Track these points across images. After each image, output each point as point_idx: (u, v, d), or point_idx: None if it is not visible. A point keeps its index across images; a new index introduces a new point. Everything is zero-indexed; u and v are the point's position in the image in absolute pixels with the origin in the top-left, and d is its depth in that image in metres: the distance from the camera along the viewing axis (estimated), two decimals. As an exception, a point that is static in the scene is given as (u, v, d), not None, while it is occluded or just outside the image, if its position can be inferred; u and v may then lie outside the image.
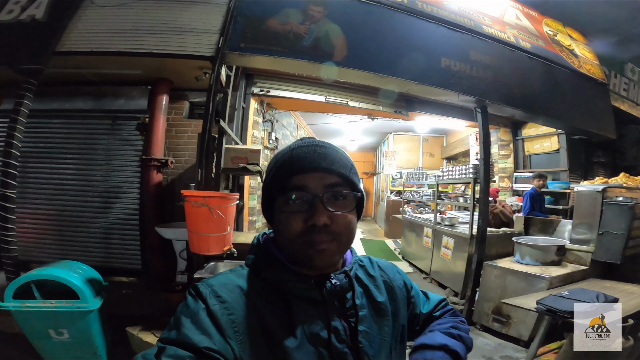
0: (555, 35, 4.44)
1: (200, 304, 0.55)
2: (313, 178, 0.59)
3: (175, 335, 0.51)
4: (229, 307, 0.55)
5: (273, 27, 2.67)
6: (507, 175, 5.93)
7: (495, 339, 3.07)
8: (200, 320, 0.52)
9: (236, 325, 0.54)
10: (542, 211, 4.60)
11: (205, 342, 0.49)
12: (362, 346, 0.61)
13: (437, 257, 4.69)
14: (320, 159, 0.60)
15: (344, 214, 0.60)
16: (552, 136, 5.28)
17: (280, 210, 0.61)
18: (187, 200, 2.30)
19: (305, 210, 0.58)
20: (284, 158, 0.63)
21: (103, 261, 3.27)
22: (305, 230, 0.58)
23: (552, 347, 2.67)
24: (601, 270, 3.24)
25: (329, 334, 0.59)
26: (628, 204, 3.09)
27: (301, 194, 0.59)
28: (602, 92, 4.62)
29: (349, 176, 0.62)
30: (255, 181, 4.40)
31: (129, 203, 3.35)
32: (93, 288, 2.24)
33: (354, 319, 0.63)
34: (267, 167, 0.67)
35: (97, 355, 2.30)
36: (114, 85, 3.35)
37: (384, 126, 8.44)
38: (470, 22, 3.53)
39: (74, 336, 2.20)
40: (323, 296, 0.61)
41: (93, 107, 3.35)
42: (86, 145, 3.37)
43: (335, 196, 0.60)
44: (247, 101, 3.60)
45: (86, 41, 2.66)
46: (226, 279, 0.61)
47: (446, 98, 3.60)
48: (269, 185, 0.64)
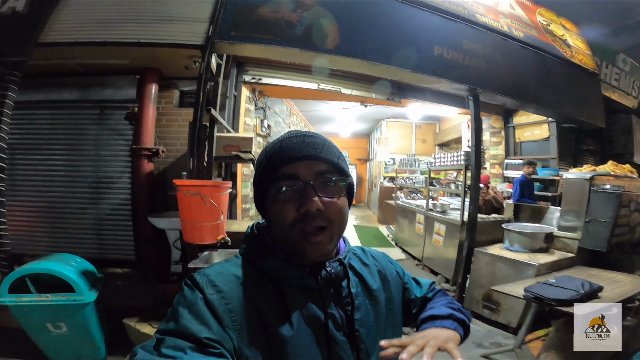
0: (549, 25, 4.43)
1: (198, 294, 0.55)
2: (303, 166, 0.60)
3: (174, 326, 0.51)
4: (226, 297, 0.55)
5: (264, 15, 2.61)
6: (498, 162, 6.00)
7: (486, 325, 3.15)
8: (198, 310, 0.52)
9: (234, 315, 0.54)
10: (532, 198, 4.69)
11: (204, 332, 0.50)
12: (358, 334, 0.63)
13: (429, 244, 4.76)
14: (309, 147, 0.61)
15: (336, 200, 0.61)
16: (543, 124, 5.33)
17: (272, 200, 0.61)
18: (179, 189, 2.29)
19: (297, 198, 0.59)
20: (273, 149, 0.63)
21: (96, 253, 3.27)
22: (299, 217, 0.58)
23: (539, 334, 2.78)
24: (588, 258, 3.30)
25: (326, 321, 0.60)
26: (615, 192, 3.12)
27: (292, 182, 0.59)
28: (593, 81, 4.66)
29: (338, 163, 0.63)
30: (248, 169, 4.38)
31: (120, 193, 3.32)
32: (88, 280, 2.24)
33: (350, 307, 0.64)
34: (257, 160, 0.67)
35: (97, 347, 2.32)
36: (101, 76, 3.27)
37: (377, 113, 8.42)
38: (464, 11, 3.49)
39: (72, 329, 2.21)
40: (318, 284, 0.62)
41: (80, 97, 3.27)
42: (74, 136, 3.30)
43: (326, 182, 0.60)
44: (238, 89, 3.54)
45: (70, 32, 2.59)
46: (222, 268, 0.61)
47: (439, 86, 3.59)
48: (260, 177, 0.64)
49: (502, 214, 4.42)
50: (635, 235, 3.41)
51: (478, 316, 3.28)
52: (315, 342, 0.59)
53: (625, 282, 2.57)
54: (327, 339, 0.60)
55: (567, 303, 2.09)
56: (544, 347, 2.42)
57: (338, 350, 0.60)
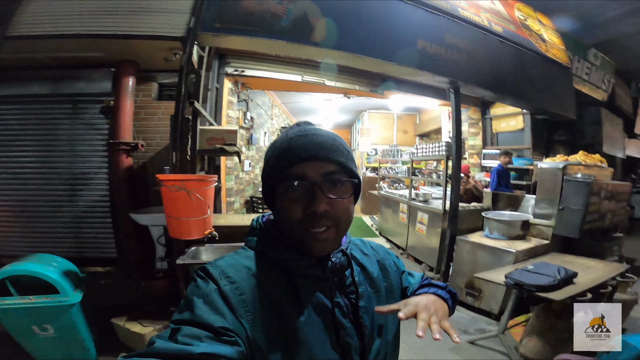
0: (526, 20, 4.56)
1: (212, 285, 0.56)
2: (311, 167, 0.60)
3: (189, 316, 0.52)
4: (239, 287, 0.57)
5: (249, 7, 2.55)
6: (476, 152, 6.19)
7: (469, 312, 3.28)
8: (213, 300, 0.54)
9: (247, 305, 0.56)
10: (508, 186, 4.89)
11: (219, 322, 0.51)
12: (363, 321, 0.66)
13: (412, 233, 4.88)
14: (318, 148, 0.61)
15: (342, 199, 0.62)
16: (518, 115, 5.53)
17: (281, 198, 0.62)
18: (163, 184, 2.23)
19: (304, 198, 0.60)
20: (282, 147, 0.63)
21: (75, 252, 3.14)
22: (306, 217, 0.60)
23: (520, 320, 2.93)
24: (561, 244, 3.48)
25: (333, 308, 0.63)
26: (586, 180, 3.29)
27: (300, 183, 0.60)
28: (565, 75, 4.87)
29: (346, 163, 0.63)
30: (232, 161, 4.33)
31: (97, 190, 3.19)
32: (71, 281, 2.16)
33: (354, 296, 0.67)
34: (266, 156, 0.68)
35: (86, 348, 2.26)
36: (73, 69, 3.09)
37: (359, 104, 8.45)
38: (447, 5, 3.54)
39: (59, 331, 2.14)
40: (325, 273, 0.64)
41: (51, 91, 3.08)
42: (46, 132, 3.12)
43: (334, 183, 0.61)
44: (220, 81, 3.46)
45: (40, 24, 2.44)
46: (233, 260, 0.63)
47: (421, 78, 3.66)
48: (269, 174, 0.65)
49: (482, 203, 4.59)
50: (605, 222, 3.62)
51: (462, 303, 3.40)
52: (324, 329, 0.61)
53: (597, 268, 2.73)
54: (334, 326, 0.62)
55: (545, 289, 2.21)
56: (526, 333, 2.56)
57: (344, 336, 0.62)
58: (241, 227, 2.88)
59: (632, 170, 8.14)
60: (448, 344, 2.74)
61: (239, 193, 4.73)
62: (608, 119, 6.25)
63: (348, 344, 0.63)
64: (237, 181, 4.66)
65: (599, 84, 5.86)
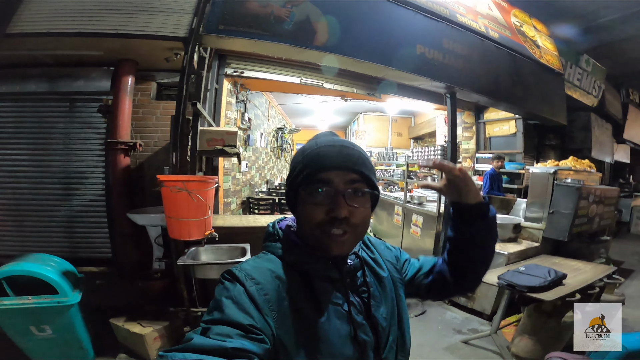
0: (522, 26, 4.65)
1: (239, 287, 0.60)
2: (337, 175, 0.65)
3: (219, 316, 0.56)
4: (263, 288, 0.61)
5: (253, 9, 2.56)
6: (469, 156, 6.28)
7: (463, 312, 3.36)
8: (241, 301, 0.58)
9: (271, 305, 0.60)
10: (500, 190, 4.99)
11: (247, 320, 0.55)
12: (376, 318, 0.70)
13: (407, 235, 4.93)
14: (346, 159, 0.66)
15: (362, 208, 0.66)
16: (510, 120, 5.64)
17: (305, 201, 0.66)
18: (164, 185, 2.24)
19: (328, 203, 0.64)
20: (312, 154, 0.67)
21: (70, 252, 3.09)
22: (327, 221, 0.64)
23: (511, 320, 3.00)
24: (551, 247, 3.58)
25: (349, 307, 0.67)
26: (575, 185, 3.40)
27: (326, 188, 0.64)
28: (558, 81, 4.98)
29: (369, 175, 0.68)
30: (230, 162, 4.33)
31: (93, 189, 3.16)
32: (70, 281, 2.14)
33: (366, 295, 0.72)
34: (293, 162, 0.71)
35: (84, 349, 2.26)
36: (71, 67, 3.06)
37: (355, 106, 8.49)
38: (446, 11, 3.60)
39: (57, 332, 2.13)
40: (341, 275, 0.69)
41: (48, 89, 3.04)
42: (41, 130, 3.08)
43: (356, 192, 0.66)
44: (220, 82, 3.45)
45: (41, 22, 2.42)
46: (256, 263, 0.67)
47: (419, 83, 3.70)
48: (295, 178, 0.68)
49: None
50: (593, 225, 3.74)
51: (455, 304, 3.48)
52: (342, 326, 0.65)
53: (585, 270, 2.83)
54: (351, 324, 0.66)
55: (536, 290, 2.29)
56: (517, 332, 2.63)
57: (361, 334, 0.67)
58: (239, 228, 2.89)
59: (620, 174, 8.37)
60: (442, 343, 2.80)
61: (235, 194, 4.73)
62: (597, 124, 6.40)
63: (364, 340, 0.67)
64: (234, 182, 4.66)
65: (590, 90, 6.00)
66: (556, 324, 2.43)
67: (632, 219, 7.61)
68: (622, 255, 5.24)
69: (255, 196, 5.33)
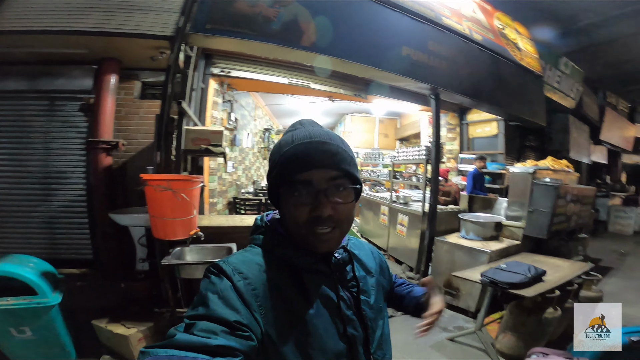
0: (504, 28, 4.77)
1: (226, 281, 0.58)
2: (317, 174, 0.63)
3: (204, 311, 0.54)
4: (251, 283, 0.59)
5: (241, 9, 2.56)
6: (453, 157, 6.40)
7: (448, 310, 3.40)
8: (228, 296, 0.56)
9: (259, 299, 0.58)
10: (483, 190, 5.12)
11: (234, 316, 0.53)
12: (364, 313, 0.71)
13: (393, 234, 4.99)
14: (324, 157, 0.64)
15: (345, 203, 0.66)
16: (492, 122, 5.78)
17: (287, 201, 0.65)
18: (148, 184, 2.20)
19: (310, 202, 0.63)
20: (288, 154, 0.65)
21: (49, 253, 2.97)
22: (310, 219, 0.63)
23: (495, 317, 3.07)
24: (531, 245, 3.68)
25: (338, 302, 0.67)
26: (554, 184, 3.51)
27: (306, 188, 0.63)
28: (537, 83, 5.14)
29: (350, 170, 0.66)
30: (215, 162, 4.29)
31: (74, 189, 3.08)
32: (50, 282, 2.09)
33: (355, 289, 0.72)
34: (271, 159, 0.70)
35: (66, 351, 2.20)
36: (53, 65, 2.99)
37: (342, 107, 8.53)
38: (432, 13, 3.67)
39: (37, 333, 2.08)
40: (330, 269, 0.69)
41: (27, 87, 2.96)
42: (21, 129, 2.99)
43: (337, 188, 0.65)
44: (206, 82, 3.42)
45: (23, 19, 2.36)
46: (243, 257, 0.65)
47: (404, 84, 3.77)
48: (276, 178, 0.67)
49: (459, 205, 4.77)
50: (571, 224, 3.87)
51: (442, 302, 3.53)
52: (331, 321, 0.65)
53: (564, 267, 2.92)
54: (341, 318, 0.66)
55: (517, 286, 2.35)
56: (500, 329, 2.70)
57: (350, 328, 0.67)
58: (225, 227, 2.87)
59: (597, 175, 8.67)
60: (428, 341, 2.84)
61: (221, 194, 4.68)
62: (575, 126, 6.63)
63: (354, 335, 0.67)
64: (220, 182, 4.61)
65: (568, 92, 6.20)
66: (537, 320, 2.49)
67: (610, 218, 7.89)
68: (600, 253, 5.44)
69: (242, 196, 5.29)
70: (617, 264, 5.15)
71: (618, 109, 8.57)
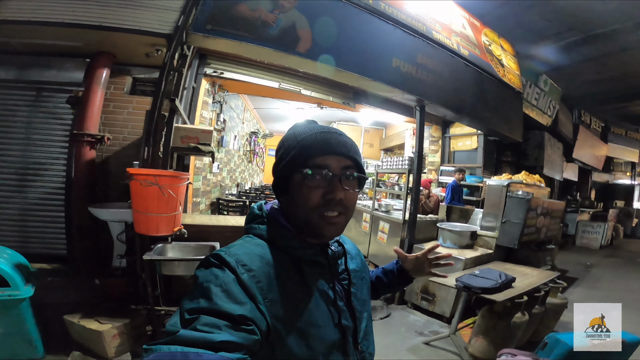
0: (490, 45, 4.97)
1: (229, 274, 0.58)
2: (334, 160, 0.69)
3: (207, 305, 0.53)
4: (255, 275, 0.60)
5: (242, 12, 2.62)
6: (434, 168, 6.58)
7: (424, 316, 3.51)
8: (231, 289, 0.55)
9: (264, 292, 0.59)
10: (460, 201, 5.32)
11: (238, 310, 0.53)
12: (354, 305, 0.75)
13: (374, 241, 5.06)
14: (341, 146, 0.70)
15: (353, 191, 0.71)
16: (473, 136, 6.02)
17: (300, 184, 0.68)
18: (134, 178, 2.19)
19: (325, 186, 0.68)
20: (308, 140, 0.70)
21: (20, 247, 2.86)
22: (323, 202, 0.67)
23: (468, 323, 3.20)
24: (503, 254, 3.86)
25: (334, 294, 0.71)
26: (525, 197, 3.71)
27: (323, 172, 0.68)
28: (517, 100, 5.39)
29: (359, 161, 0.73)
30: (201, 162, 4.26)
31: (51, 182, 3.02)
32: (22, 274, 2.02)
33: (346, 282, 0.76)
34: (283, 146, 0.74)
35: (34, 345, 2.13)
36: (45, 56, 2.95)
37: (330, 115, 8.60)
38: (423, 27, 3.83)
39: (6, 326, 2.01)
40: (328, 261, 0.73)
41: (15, 77, 2.92)
42: (1, 118, 2.92)
43: (349, 177, 0.70)
44: (198, 81, 3.43)
45: (22, 10, 2.34)
46: (246, 248, 0.66)
47: (392, 95, 3.90)
48: (291, 162, 0.70)
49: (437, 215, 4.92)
50: (541, 235, 4.08)
51: (417, 307, 3.63)
52: (328, 312, 0.69)
53: (532, 275, 3.10)
54: (336, 309, 0.70)
55: (489, 291, 2.48)
56: (473, 333, 2.81)
57: (343, 319, 0.71)
58: (209, 226, 2.87)
59: (568, 191, 9.10)
60: (405, 344, 2.92)
61: (205, 194, 4.64)
62: (550, 144, 6.93)
63: (347, 326, 0.71)
64: (205, 182, 4.58)
65: (545, 110, 6.48)
66: (506, 325, 2.62)
67: (577, 232, 8.26)
68: (567, 264, 5.71)
69: (226, 198, 5.26)
70: (583, 275, 5.42)
71: (591, 127, 8.84)
